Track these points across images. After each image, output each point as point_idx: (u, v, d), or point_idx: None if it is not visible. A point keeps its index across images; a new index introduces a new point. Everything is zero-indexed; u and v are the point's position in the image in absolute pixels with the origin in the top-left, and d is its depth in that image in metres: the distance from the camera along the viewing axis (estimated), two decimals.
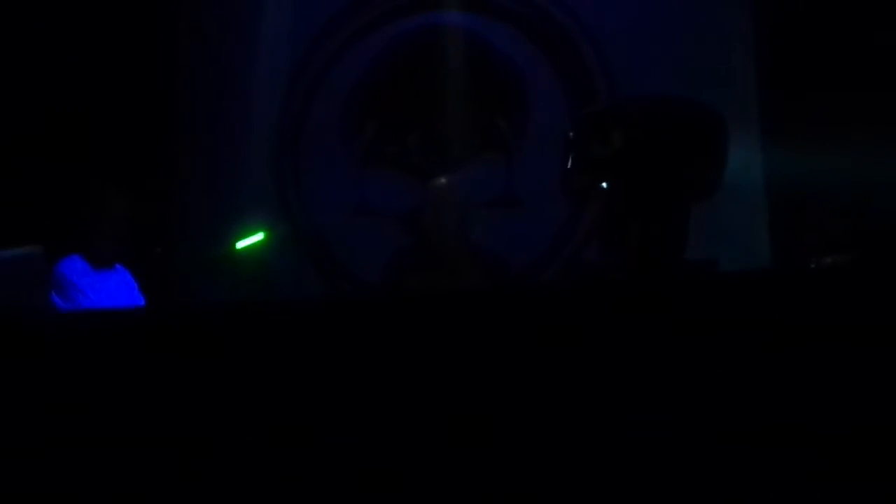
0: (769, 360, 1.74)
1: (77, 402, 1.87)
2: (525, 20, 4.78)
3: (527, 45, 4.78)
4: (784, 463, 1.71)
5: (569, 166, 2.16)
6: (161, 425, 1.81)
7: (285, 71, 4.79)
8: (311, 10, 4.78)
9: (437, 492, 1.72)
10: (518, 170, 4.80)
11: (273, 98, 4.76)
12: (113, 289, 3.60)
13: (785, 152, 4.19)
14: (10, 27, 4.21)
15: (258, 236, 4.53)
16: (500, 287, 3.66)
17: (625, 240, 2.20)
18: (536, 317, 1.84)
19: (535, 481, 1.75)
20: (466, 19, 4.81)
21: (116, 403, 1.85)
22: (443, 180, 3.84)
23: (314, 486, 1.75)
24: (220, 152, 4.63)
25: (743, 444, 1.71)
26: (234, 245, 4.47)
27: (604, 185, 2.17)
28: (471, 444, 1.75)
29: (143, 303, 3.67)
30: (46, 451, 1.83)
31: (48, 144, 4.19)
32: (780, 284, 1.88)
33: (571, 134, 2.14)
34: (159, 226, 4.39)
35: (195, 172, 4.68)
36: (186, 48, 4.71)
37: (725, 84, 4.41)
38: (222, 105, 4.69)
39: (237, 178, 4.60)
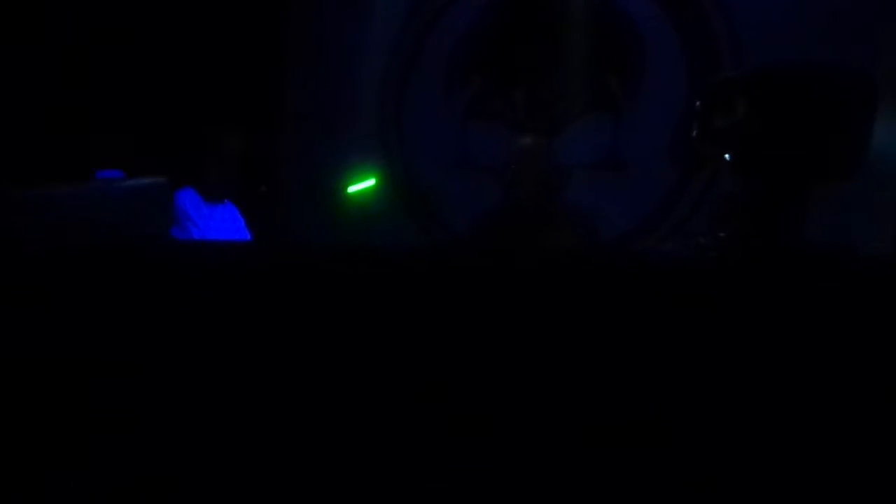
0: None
1: (181, 331, 1.86)
2: None
3: (650, 4, 4.61)
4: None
5: (693, 135, 2.03)
6: (255, 361, 1.78)
7: (398, 14, 4.70)
8: None
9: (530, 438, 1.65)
10: (626, 133, 4.64)
11: (384, 41, 4.69)
12: (221, 223, 3.74)
13: None
14: None
15: (369, 182, 4.53)
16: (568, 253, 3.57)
17: (738, 219, 2.07)
18: (599, 287, 1.76)
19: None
20: None
21: (217, 336, 1.83)
22: (527, 139, 3.75)
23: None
24: (330, 96, 4.60)
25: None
26: (346, 189, 4.50)
27: (727, 157, 2.04)
28: (550, 398, 1.68)
29: (248, 238, 3.82)
30: (151, 374, 1.81)
31: (163, 81, 4.24)
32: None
33: (698, 103, 2.01)
34: (268, 164, 4.44)
35: (305, 113, 4.64)
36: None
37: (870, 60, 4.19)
38: (333, 45, 4.64)
39: (347, 122, 4.58)
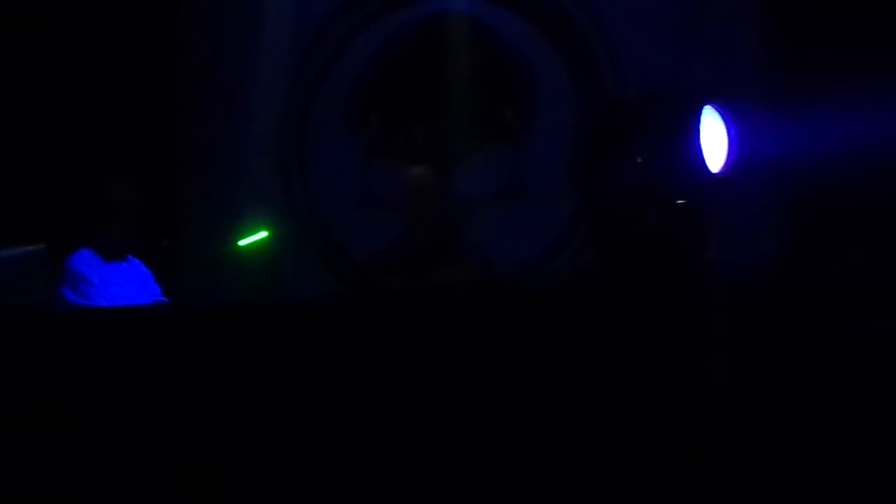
0: None
1: (78, 400, 1.85)
2: (532, 8, 4.74)
3: (535, 35, 4.75)
4: None
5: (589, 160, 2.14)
6: (160, 423, 1.79)
7: (289, 61, 4.76)
8: (315, 0, 4.75)
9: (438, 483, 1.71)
10: (525, 162, 4.76)
11: (278, 89, 4.73)
12: (126, 281, 3.49)
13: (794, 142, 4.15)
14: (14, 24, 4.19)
15: (262, 234, 4.47)
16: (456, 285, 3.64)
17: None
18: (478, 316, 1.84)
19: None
20: (472, 7, 4.76)
21: (118, 401, 1.84)
22: (418, 171, 3.78)
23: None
24: (224, 146, 4.60)
25: None
26: (237, 242, 4.43)
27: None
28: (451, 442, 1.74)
29: (158, 293, 3.57)
30: (48, 448, 1.82)
31: (49, 138, 4.14)
32: None
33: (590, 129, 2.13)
34: (166, 218, 4.33)
35: (199, 166, 4.63)
36: (189, 40, 4.68)
37: (733, 73, 4.38)
38: (226, 97, 4.66)
39: (242, 172, 4.57)
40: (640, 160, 3.14)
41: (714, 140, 3.46)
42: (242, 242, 4.43)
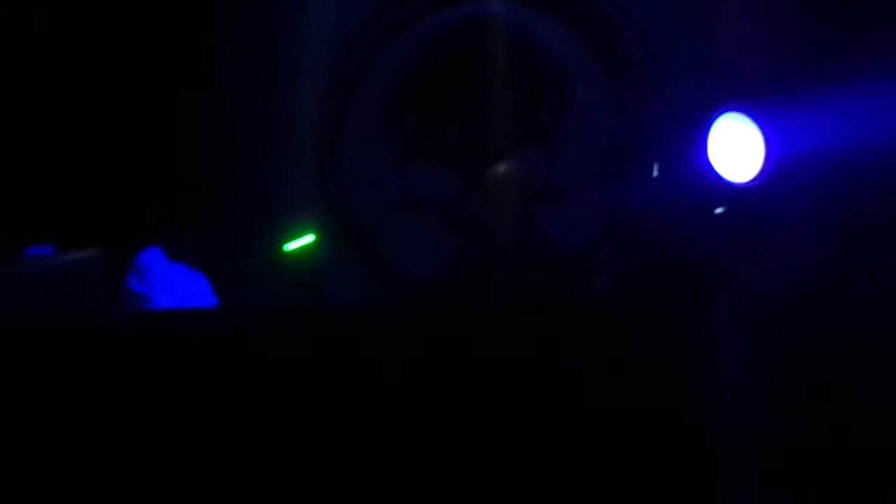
0: None
1: (138, 400, 1.87)
2: (571, 13, 4.75)
3: (570, 36, 4.75)
4: None
5: None
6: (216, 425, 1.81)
7: (328, 60, 4.77)
8: (354, 2, 4.77)
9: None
10: (559, 163, 4.77)
11: (316, 92, 4.76)
12: (187, 283, 3.69)
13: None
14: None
15: (308, 238, 4.46)
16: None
17: None
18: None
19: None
20: (509, 10, 4.77)
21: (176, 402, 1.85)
22: (501, 168, 3.74)
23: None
24: (263, 151, 4.62)
25: None
26: (283, 248, 4.42)
27: None
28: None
29: (213, 302, 3.74)
30: (116, 446, 1.83)
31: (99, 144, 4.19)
32: None
33: None
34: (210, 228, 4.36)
35: (239, 173, 4.67)
36: (228, 42, 4.70)
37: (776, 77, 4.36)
38: (264, 101, 4.68)
39: (283, 177, 4.59)
40: (655, 174, 3.15)
41: (746, 149, 3.45)
42: (289, 247, 4.43)
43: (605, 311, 2.08)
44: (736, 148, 3.40)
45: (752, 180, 3.28)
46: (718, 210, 3.31)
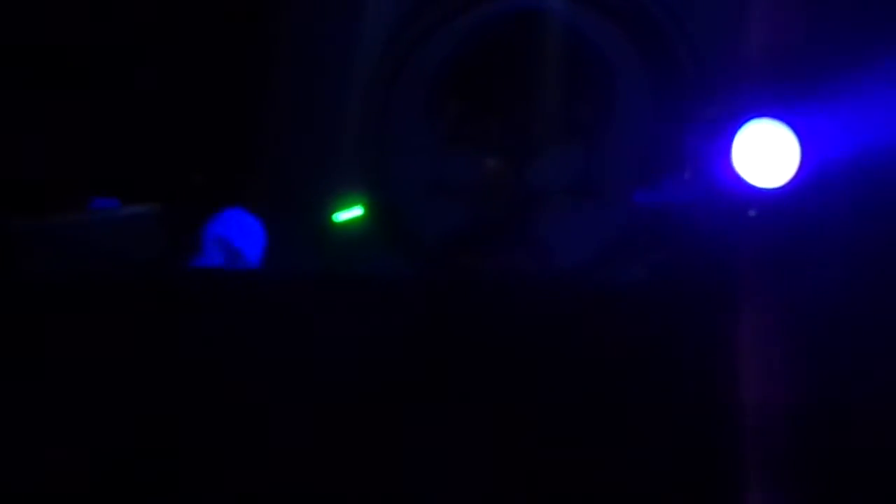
0: None
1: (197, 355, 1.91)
2: (616, 8, 4.78)
3: (617, 34, 4.79)
4: None
5: None
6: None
7: (379, 45, 4.83)
8: None
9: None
10: (597, 160, 4.81)
11: (367, 71, 4.81)
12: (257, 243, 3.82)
13: None
14: None
15: (357, 210, 4.46)
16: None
17: None
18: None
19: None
20: (557, 3, 4.81)
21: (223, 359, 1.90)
22: (493, 161, 3.85)
23: None
24: (315, 123, 4.68)
25: None
26: (332, 218, 4.40)
27: None
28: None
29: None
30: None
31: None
32: None
33: None
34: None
35: (290, 136, 4.73)
36: (291, 19, 4.77)
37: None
38: (319, 78, 4.74)
39: (332, 148, 4.67)
40: (687, 177, 3.20)
41: (780, 153, 3.49)
42: (339, 218, 4.42)
43: (630, 298, 2.13)
44: (769, 152, 3.44)
45: (786, 185, 3.32)
46: (750, 213, 3.36)
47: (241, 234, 3.70)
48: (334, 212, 4.48)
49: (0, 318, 1.96)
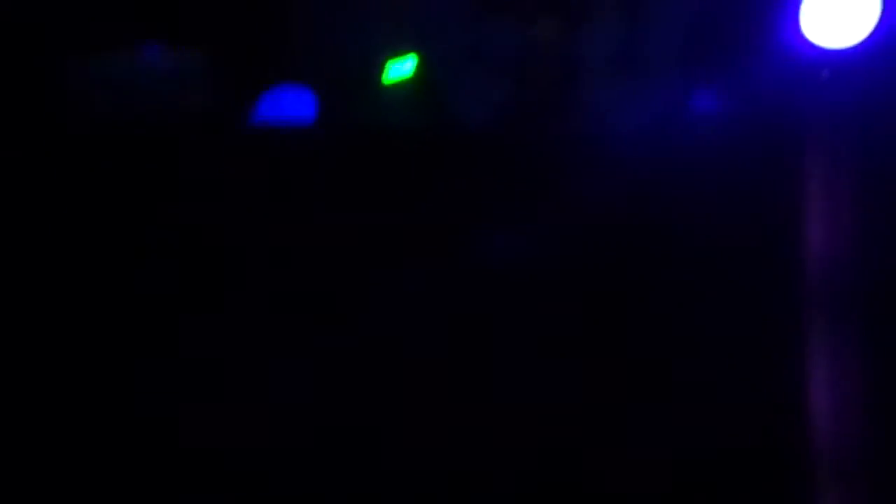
0: None
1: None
2: None
3: None
4: None
5: None
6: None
7: None
8: None
9: None
10: (642, 31, 4.60)
11: None
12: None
13: None
14: None
15: (409, 63, 4.25)
16: None
17: None
18: None
19: None
20: None
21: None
22: (540, 30, 3.68)
23: None
24: None
25: None
26: (384, 77, 4.18)
27: None
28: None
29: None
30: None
31: None
32: None
33: None
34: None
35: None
36: None
37: None
38: None
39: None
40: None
41: (855, 9, 3.26)
42: (391, 75, 4.19)
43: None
44: (844, 8, 3.22)
45: (862, 44, 3.11)
46: (823, 75, 3.16)
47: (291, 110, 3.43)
48: (385, 73, 4.19)
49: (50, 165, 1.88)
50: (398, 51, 4.27)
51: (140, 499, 1.90)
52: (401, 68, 4.22)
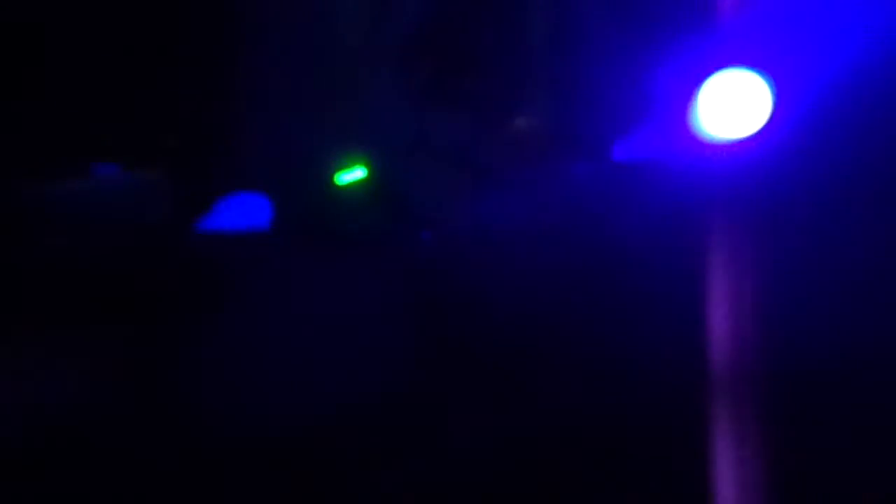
0: None
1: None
2: None
3: None
4: None
5: None
6: None
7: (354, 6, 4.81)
8: None
9: None
10: (570, 115, 4.86)
11: (343, 32, 4.77)
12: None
13: None
14: None
15: (359, 172, 4.31)
16: None
17: None
18: None
19: None
20: None
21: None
22: (520, 122, 3.90)
23: None
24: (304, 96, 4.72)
25: None
26: (334, 179, 4.24)
27: None
28: None
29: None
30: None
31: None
32: None
33: None
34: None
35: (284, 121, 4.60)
36: None
37: None
38: (301, 37, 4.68)
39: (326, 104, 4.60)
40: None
41: (750, 104, 3.52)
42: (342, 179, 4.24)
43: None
44: (738, 103, 3.46)
45: (754, 137, 3.37)
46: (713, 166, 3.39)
47: (245, 217, 3.65)
48: (337, 175, 4.30)
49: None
50: (348, 151, 4.43)
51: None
52: (352, 171, 4.35)
